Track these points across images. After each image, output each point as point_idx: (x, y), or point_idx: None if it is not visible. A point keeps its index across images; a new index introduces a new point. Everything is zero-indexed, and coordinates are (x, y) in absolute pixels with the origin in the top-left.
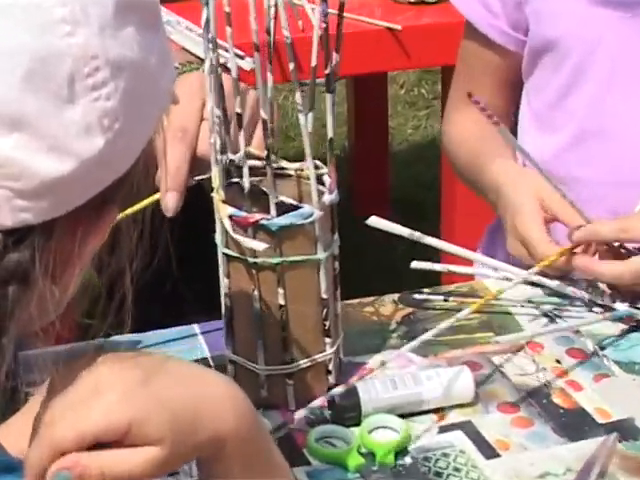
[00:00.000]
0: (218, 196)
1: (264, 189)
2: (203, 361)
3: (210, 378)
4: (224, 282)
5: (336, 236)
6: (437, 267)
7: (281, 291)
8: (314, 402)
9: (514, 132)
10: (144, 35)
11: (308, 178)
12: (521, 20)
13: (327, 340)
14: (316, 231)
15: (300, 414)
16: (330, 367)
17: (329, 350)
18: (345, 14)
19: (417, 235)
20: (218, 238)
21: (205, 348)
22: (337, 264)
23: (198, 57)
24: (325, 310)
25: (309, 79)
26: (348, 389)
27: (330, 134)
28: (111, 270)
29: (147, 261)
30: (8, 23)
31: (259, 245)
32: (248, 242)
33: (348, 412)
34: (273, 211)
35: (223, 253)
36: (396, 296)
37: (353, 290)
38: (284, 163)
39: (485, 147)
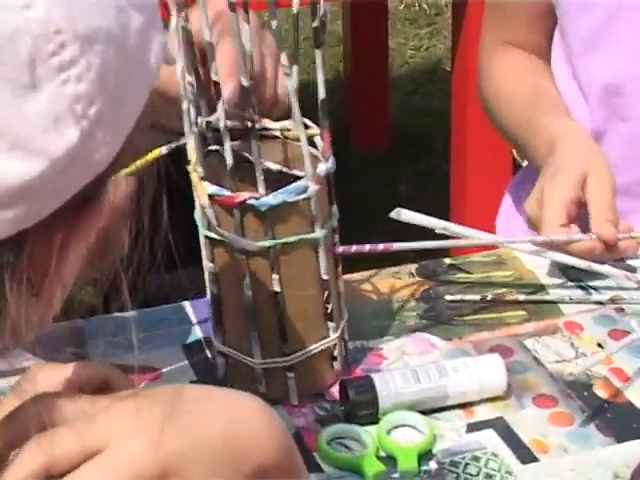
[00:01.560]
0: (196, 173)
1: (248, 156)
2: (197, 344)
3: (239, 402)
4: (208, 267)
5: (334, 208)
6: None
7: (276, 277)
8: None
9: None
10: None
11: (297, 140)
12: None
13: (330, 325)
14: (312, 207)
15: None
16: (335, 353)
17: (333, 335)
18: None
19: (448, 226)
20: (198, 217)
21: (198, 329)
22: (337, 238)
23: None
24: (326, 292)
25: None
26: (363, 382)
27: (322, 95)
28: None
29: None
30: None
31: (250, 244)
32: (235, 240)
33: (364, 409)
34: (261, 188)
35: (205, 236)
36: (413, 267)
37: (348, 236)
38: (267, 122)
39: (538, 99)
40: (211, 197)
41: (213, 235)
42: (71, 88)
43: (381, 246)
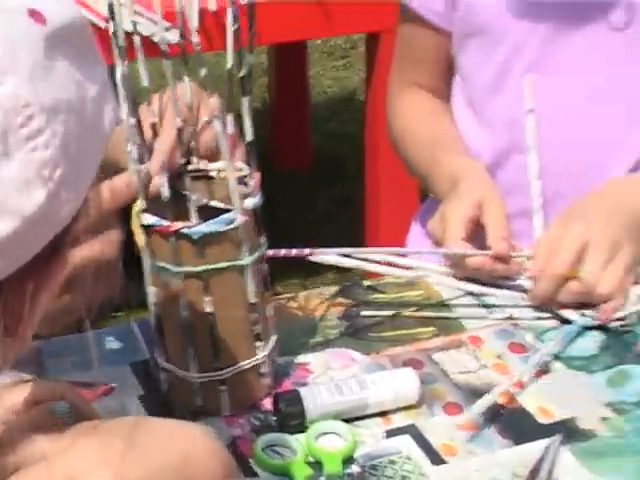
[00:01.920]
0: (138, 206)
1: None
2: (143, 363)
3: (187, 432)
4: (151, 290)
5: (263, 238)
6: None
7: (207, 298)
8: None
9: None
10: (80, 67)
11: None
12: (458, 2)
13: (258, 344)
14: (240, 236)
15: None
16: (263, 370)
17: (261, 354)
18: None
19: (364, 265)
20: (141, 246)
21: (145, 349)
22: (265, 266)
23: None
24: (254, 314)
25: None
26: (292, 395)
27: (249, 137)
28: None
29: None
30: None
31: (184, 270)
32: (172, 266)
33: (293, 419)
34: (194, 218)
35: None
36: (336, 288)
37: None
38: (205, 164)
39: (440, 140)
40: (151, 227)
41: (154, 262)
42: (39, 155)
43: (307, 250)
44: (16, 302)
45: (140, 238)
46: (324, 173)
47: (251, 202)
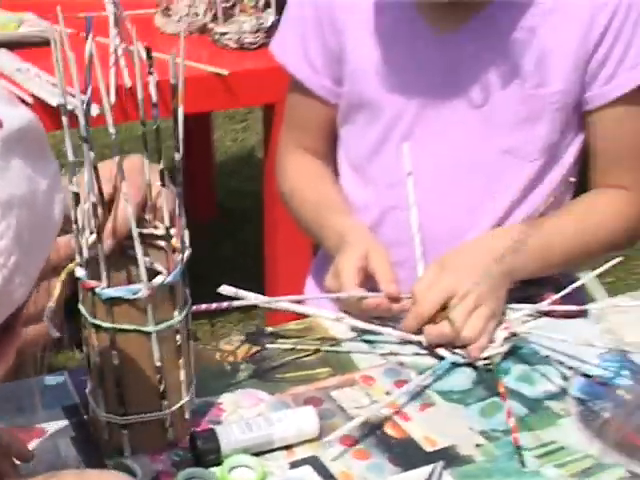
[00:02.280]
0: (74, 264)
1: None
2: (74, 407)
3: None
4: (82, 334)
5: (177, 313)
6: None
7: (114, 352)
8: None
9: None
10: (32, 164)
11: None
12: (341, 76)
13: (164, 402)
14: (146, 306)
15: None
16: (166, 425)
17: (166, 411)
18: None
19: (268, 300)
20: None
21: (75, 394)
22: (180, 337)
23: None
24: (159, 376)
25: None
26: (208, 434)
27: (167, 223)
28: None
29: None
30: None
31: (94, 323)
32: (88, 318)
33: (210, 455)
34: (104, 281)
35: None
36: (242, 337)
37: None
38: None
39: (326, 204)
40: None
41: (81, 308)
42: None
43: (225, 304)
44: None
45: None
46: (227, 224)
47: (160, 279)
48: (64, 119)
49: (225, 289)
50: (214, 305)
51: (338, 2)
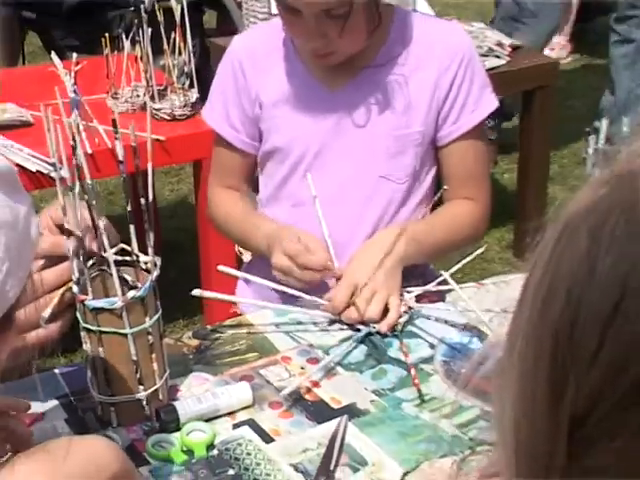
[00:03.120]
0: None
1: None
2: (64, 396)
3: (98, 441)
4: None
5: (148, 318)
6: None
7: (101, 349)
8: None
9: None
10: (12, 197)
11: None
12: (256, 133)
13: (140, 387)
14: (122, 313)
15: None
16: (144, 404)
17: (142, 393)
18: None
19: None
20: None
21: (65, 386)
22: (152, 337)
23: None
24: (135, 367)
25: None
26: (169, 408)
27: (150, 266)
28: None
29: None
30: None
31: (84, 334)
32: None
33: (171, 424)
34: (90, 295)
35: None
36: (190, 332)
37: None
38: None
39: (250, 219)
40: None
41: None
42: None
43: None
44: None
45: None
46: (171, 254)
47: (132, 293)
48: (58, 179)
49: (196, 292)
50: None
51: (252, 79)
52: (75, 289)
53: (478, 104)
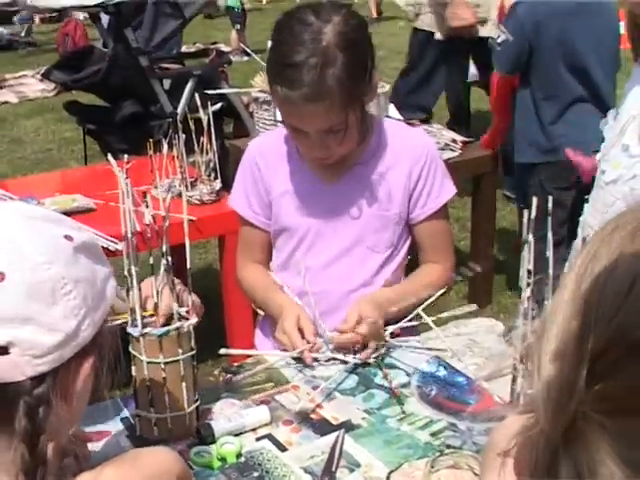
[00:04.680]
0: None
1: None
2: (126, 419)
3: (162, 450)
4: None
5: (181, 352)
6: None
7: (162, 376)
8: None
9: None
10: (94, 261)
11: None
12: (271, 214)
13: (187, 408)
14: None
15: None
16: (187, 421)
17: (186, 411)
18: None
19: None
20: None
21: (126, 411)
22: (183, 368)
23: None
24: (184, 384)
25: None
26: (207, 425)
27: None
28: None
29: None
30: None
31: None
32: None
33: (208, 437)
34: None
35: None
36: (221, 367)
37: None
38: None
39: (268, 294)
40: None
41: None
42: (71, 302)
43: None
44: (66, 378)
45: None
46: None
47: (186, 324)
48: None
49: (223, 350)
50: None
51: (265, 173)
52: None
53: (440, 191)
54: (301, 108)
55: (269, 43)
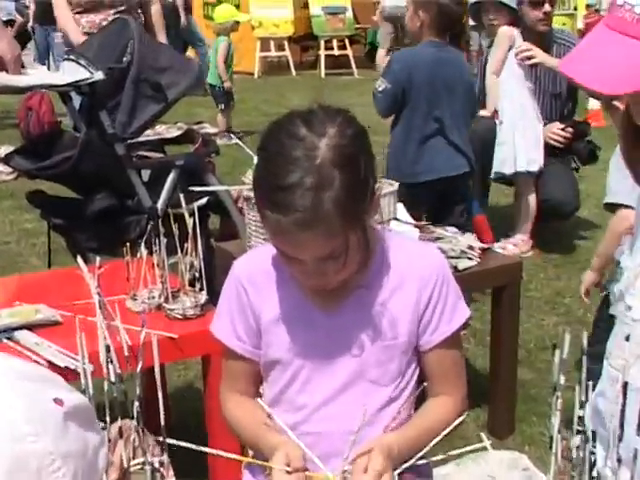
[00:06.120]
0: None
1: None
2: None
3: None
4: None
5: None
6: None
7: None
8: None
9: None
10: (85, 429)
11: None
12: (260, 343)
13: None
14: None
15: None
16: None
17: None
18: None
19: None
20: None
21: None
22: None
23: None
24: None
25: None
26: None
27: None
28: None
29: None
30: None
31: None
32: None
33: None
34: None
35: None
36: None
37: None
38: None
39: (258, 431)
40: None
41: None
42: None
43: None
44: None
45: None
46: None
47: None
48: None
49: None
50: None
51: (253, 298)
52: None
53: (453, 315)
54: (295, 235)
55: (254, 159)
